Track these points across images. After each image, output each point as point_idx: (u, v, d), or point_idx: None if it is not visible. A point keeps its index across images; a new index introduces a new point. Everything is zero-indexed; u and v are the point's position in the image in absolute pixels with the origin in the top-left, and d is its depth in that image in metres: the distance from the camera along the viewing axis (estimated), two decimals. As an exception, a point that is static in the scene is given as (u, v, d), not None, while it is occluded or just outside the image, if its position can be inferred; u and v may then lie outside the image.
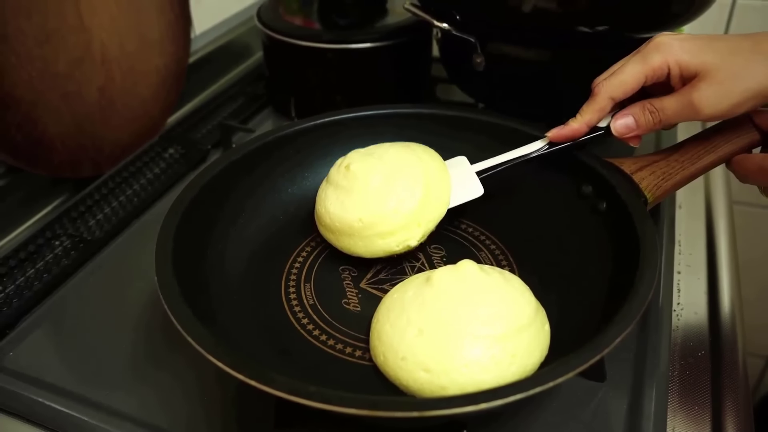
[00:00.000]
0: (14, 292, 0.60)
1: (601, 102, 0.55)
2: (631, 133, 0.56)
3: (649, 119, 0.54)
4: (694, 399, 0.50)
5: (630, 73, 0.53)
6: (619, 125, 0.56)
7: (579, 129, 0.57)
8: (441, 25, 0.71)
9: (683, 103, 0.51)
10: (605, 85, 0.54)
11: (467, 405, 0.36)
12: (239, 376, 0.38)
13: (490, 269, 0.51)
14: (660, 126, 0.54)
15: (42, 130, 0.68)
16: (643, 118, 0.55)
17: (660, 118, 0.54)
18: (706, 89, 0.50)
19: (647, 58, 0.52)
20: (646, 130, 0.55)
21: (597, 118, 0.57)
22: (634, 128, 0.55)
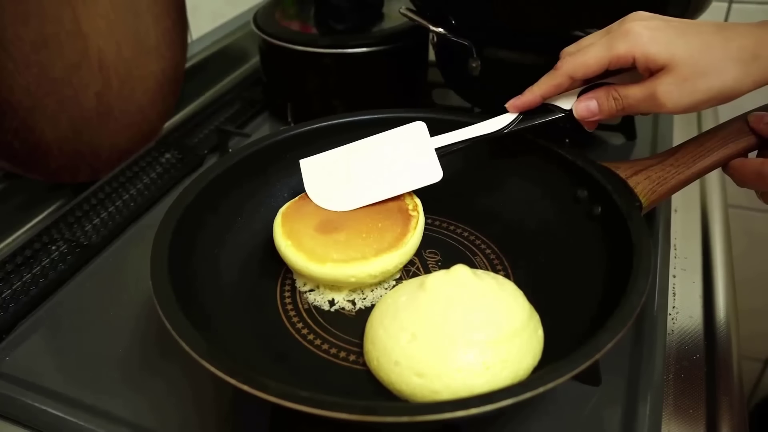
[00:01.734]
0: (11, 297, 0.60)
1: (558, 78, 0.55)
2: (593, 117, 0.56)
3: (612, 106, 0.54)
4: (689, 402, 0.50)
5: (594, 56, 0.53)
6: (582, 108, 0.56)
7: (533, 99, 0.57)
8: (437, 29, 0.71)
9: (646, 95, 0.51)
10: (567, 62, 0.54)
11: (458, 410, 0.36)
12: (232, 381, 0.38)
13: (484, 274, 0.52)
14: (622, 113, 0.55)
15: (39, 136, 0.69)
16: (606, 104, 0.55)
17: (623, 105, 0.53)
18: (670, 84, 0.50)
19: (614, 44, 0.52)
20: (607, 115, 0.55)
21: (551, 92, 0.57)
22: (596, 113, 0.55)
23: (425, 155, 0.60)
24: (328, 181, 0.61)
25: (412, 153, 0.60)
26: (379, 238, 0.57)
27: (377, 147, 0.62)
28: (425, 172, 0.59)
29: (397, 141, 0.62)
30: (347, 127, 0.67)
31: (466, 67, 0.71)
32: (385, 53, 0.82)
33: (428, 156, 0.59)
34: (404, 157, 0.60)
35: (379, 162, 0.61)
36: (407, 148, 0.61)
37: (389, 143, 0.62)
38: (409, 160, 0.60)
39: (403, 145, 0.61)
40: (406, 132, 0.62)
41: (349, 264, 0.54)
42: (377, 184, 0.60)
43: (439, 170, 0.59)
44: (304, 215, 0.59)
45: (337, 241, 0.56)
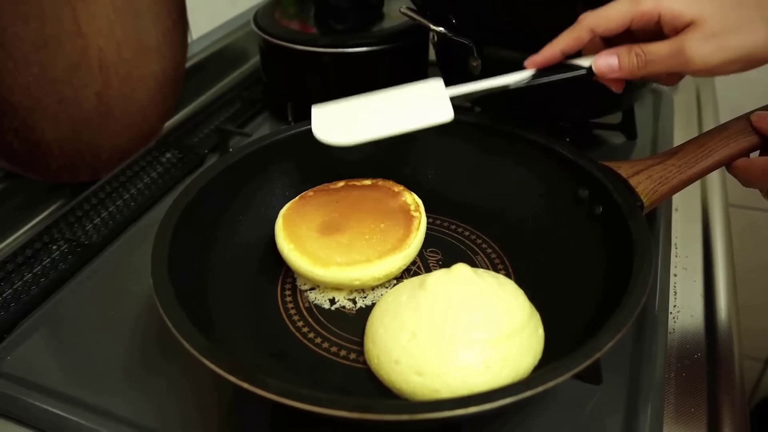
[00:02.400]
0: (12, 297, 0.60)
1: (579, 30, 0.53)
2: (612, 74, 0.53)
3: (634, 62, 0.52)
4: (690, 401, 0.50)
5: (616, 10, 0.51)
6: (602, 63, 0.53)
7: (552, 54, 0.55)
8: (437, 28, 0.71)
9: (674, 51, 0.49)
10: (588, 16, 0.53)
11: (458, 408, 0.36)
12: (232, 379, 0.38)
13: (485, 273, 0.52)
14: (644, 71, 0.52)
15: (39, 136, 0.69)
16: (627, 60, 0.52)
17: (646, 61, 0.51)
18: (699, 39, 0.47)
19: (639, 1, 0.50)
20: (629, 73, 0.52)
21: (571, 46, 0.55)
22: (616, 69, 0.53)
23: (438, 99, 0.58)
24: (335, 120, 0.59)
25: (426, 98, 0.58)
26: (382, 240, 0.57)
27: (392, 95, 0.60)
28: (436, 111, 0.57)
29: (413, 91, 0.60)
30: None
31: (466, 66, 0.71)
32: (385, 53, 0.82)
33: (441, 99, 0.58)
34: (418, 100, 0.59)
35: (392, 105, 0.59)
36: (422, 95, 0.59)
37: (405, 92, 0.60)
38: (422, 103, 0.58)
39: (419, 93, 0.59)
40: (423, 85, 0.60)
41: (353, 267, 0.55)
42: (386, 118, 0.58)
43: (451, 110, 0.57)
44: (305, 216, 0.59)
45: (340, 243, 0.56)
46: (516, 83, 0.57)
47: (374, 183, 0.64)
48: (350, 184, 0.64)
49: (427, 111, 0.57)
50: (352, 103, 0.60)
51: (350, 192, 0.63)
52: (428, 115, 0.57)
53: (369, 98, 0.60)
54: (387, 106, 0.59)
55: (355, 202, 0.61)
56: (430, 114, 0.57)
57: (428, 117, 0.57)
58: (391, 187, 0.63)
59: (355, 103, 0.60)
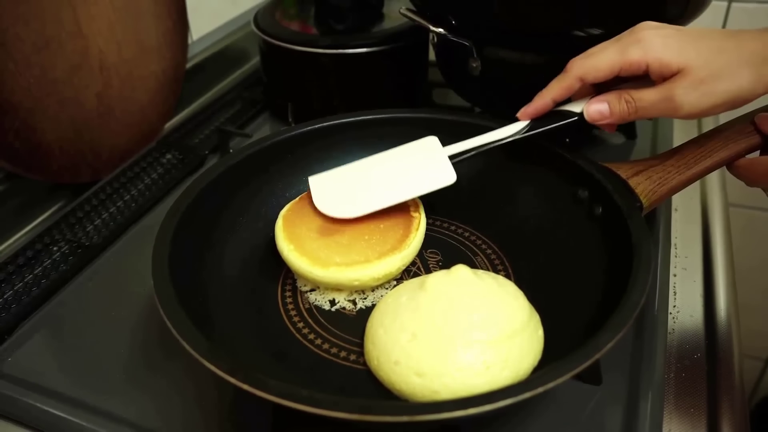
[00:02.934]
0: (12, 298, 0.60)
1: (568, 80, 0.55)
2: (604, 120, 0.55)
3: (624, 109, 0.53)
4: (690, 401, 0.50)
5: (605, 60, 0.52)
6: (593, 110, 0.55)
7: (544, 104, 0.57)
8: (437, 29, 0.71)
9: (662, 98, 0.51)
10: (577, 65, 0.54)
11: (458, 410, 0.36)
12: (232, 380, 0.39)
13: (484, 274, 0.52)
14: (634, 117, 0.54)
15: (40, 136, 0.69)
16: (618, 107, 0.54)
17: (636, 108, 0.53)
18: (687, 87, 0.49)
19: (627, 50, 0.51)
20: (619, 119, 0.54)
21: (562, 95, 0.56)
22: (607, 115, 0.55)
23: (437, 161, 0.59)
24: (337, 191, 0.60)
25: (424, 160, 0.60)
26: (382, 240, 0.57)
27: (388, 159, 0.62)
28: (438, 175, 0.58)
29: (408, 153, 0.62)
30: (348, 126, 0.68)
31: (466, 67, 0.71)
32: (385, 53, 0.82)
33: (440, 161, 0.59)
34: (416, 164, 0.60)
35: (391, 170, 0.61)
36: (419, 158, 0.60)
37: (400, 155, 0.62)
38: (422, 167, 0.59)
39: (415, 156, 0.61)
40: (417, 145, 0.62)
41: (353, 267, 0.55)
42: (389, 189, 0.59)
43: (453, 173, 0.58)
44: (305, 217, 0.59)
45: (340, 244, 0.57)
46: (512, 136, 0.59)
47: (374, 184, 0.64)
48: (350, 184, 0.64)
49: (429, 175, 0.58)
50: (349, 171, 0.62)
51: (350, 193, 0.63)
52: (430, 181, 0.58)
53: (366, 165, 0.62)
54: (385, 172, 0.61)
55: (356, 202, 0.61)
56: (431, 179, 0.58)
57: (430, 183, 0.58)
58: (391, 187, 0.63)
59: (352, 171, 0.62)
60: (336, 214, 0.58)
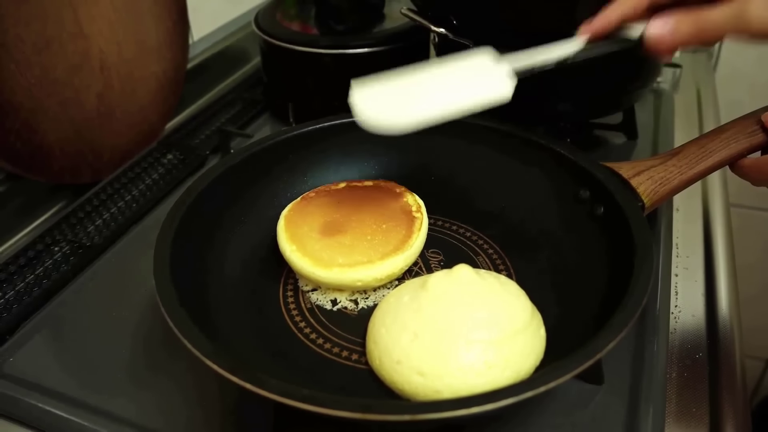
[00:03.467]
0: (14, 298, 0.60)
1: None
2: (665, 41, 0.49)
3: (690, 28, 0.48)
4: (691, 401, 0.50)
5: None
6: (656, 27, 0.49)
7: (610, 21, 0.52)
8: (438, 29, 0.71)
9: (733, 15, 0.46)
10: None
11: (459, 409, 0.36)
12: (234, 379, 0.39)
13: (486, 274, 0.52)
14: (700, 38, 0.48)
15: (41, 137, 0.69)
16: (683, 25, 0.48)
17: (703, 27, 0.47)
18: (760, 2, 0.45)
19: None
20: (683, 40, 0.48)
21: (631, 15, 0.51)
22: (670, 35, 0.48)
23: (494, 71, 0.54)
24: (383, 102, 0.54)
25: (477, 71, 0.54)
26: (384, 241, 0.57)
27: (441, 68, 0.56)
28: (492, 86, 0.53)
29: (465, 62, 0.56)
30: (349, 127, 0.67)
31: (467, 67, 0.71)
32: (386, 53, 0.82)
33: (501, 73, 0.53)
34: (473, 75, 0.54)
35: (443, 80, 0.55)
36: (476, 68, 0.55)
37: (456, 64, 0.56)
38: (479, 78, 0.54)
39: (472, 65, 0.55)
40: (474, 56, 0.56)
41: (355, 268, 0.55)
42: (441, 98, 0.53)
43: (510, 85, 0.52)
44: (306, 217, 0.59)
45: (342, 245, 0.57)
46: (572, 55, 0.54)
47: (376, 184, 0.64)
48: (352, 184, 0.64)
49: (484, 87, 0.53)
50: (398, 81, 0.55)
51: (352, 193, 0.63)
52: (486, 93, 0.52)
53: (415, 75, 0.55)
54: (437, 83, 0.55)
55: (357, 202, 0.61)
56: (487, 91, 0.52)
57: (485, 95, 0.52)
58: (393, 188, 0.63)
59: (401, 81, 0.55)
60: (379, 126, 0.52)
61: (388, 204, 0.61)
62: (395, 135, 0.52)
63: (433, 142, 0.68)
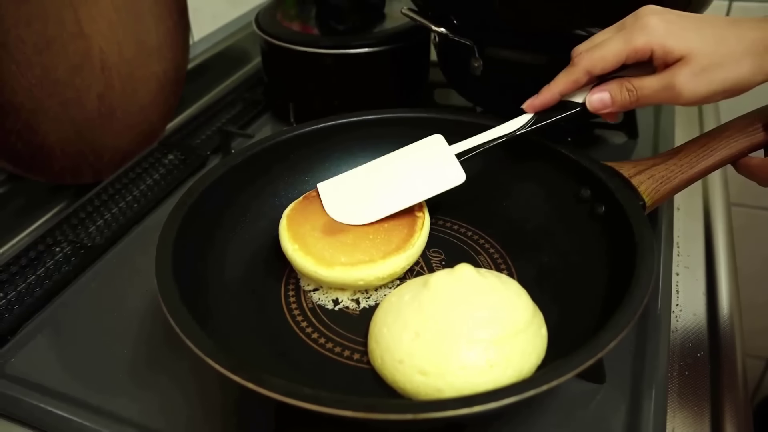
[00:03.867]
0: (15, 299, 0.60)
1: (576, 73, 0.55)
2: (606, 109, 0.55)
3: (626, 97, 0.54)
4: (693, 400, 0.50)
5: (612, 50, 0.52)
6: (595, 100, 0.55)
7: (551, 97, 0.57)
8: (438, 29, 0.71)
9: (663, 86, 0.51)
10: (584, 58, 0.54)
11: (462, 408, 0.36)
12: (236, 378, 0.39)
13: (488, 273, 0.52)
14: (635, 105, 0.54)
15: (42, 137, 0.69)
16: (619, 96, 0.54)
17: (637, 96, 0.53)
18: (688, 74, 0.50)
19: (631, 38, 0.51)
20: (621, 107, 0.55)
21: (570, 88, 0.56)
22: (609, 105, 0.55)
23: (445, 161, 0.60)
24: (348, 197, 0.61)
25: (432, 161, 0.60)
26: (386, 240, 0.57)
27: (395, 161, 0.62)
28: (447, 175, 0.59)
29: (415, 153, 0.62)
30: (349, 126, 0.68)
31: (467, 66, 0.71)
32: (386, 53, 0.82)
33: (449, 161, 0.59)
34: (424, 165, 0.60)
35: (399, 173, 0.61)
36: (426, 158, 0.61)
37: (408, 156, 0.62)
38: (430, 168, 0.60)
39: (422, 155, 0.61)
40: (423, 145, 0.62)
41: (357, 267, 0.55)
42: (399, 193, 0.59)
43: (462, 173, 0.58)
44: (308, 216, 0.59)
45: (344, 243, 0.57)
46: (518, 130, 0.59)
47: (377, 183, 0.64)
48: (353, 184, 0.64)
49: (438, 177, 0.59)
50: (358, 175, 0.62)
51: (353, 192, 0.63)
52: (440, 182, 0.58)
53: (374, 168, 0.62)
54: (394, 175, 0.61)
55: (359, 202, 0.61)
56: (441, 180, 0.58)
57: (440, 184, 0.58)
58: (394, 187, 0.63)
59: (360, 175, 0.62)
60: (349, 221, 0.59)
61: (390, 203, 0.61)
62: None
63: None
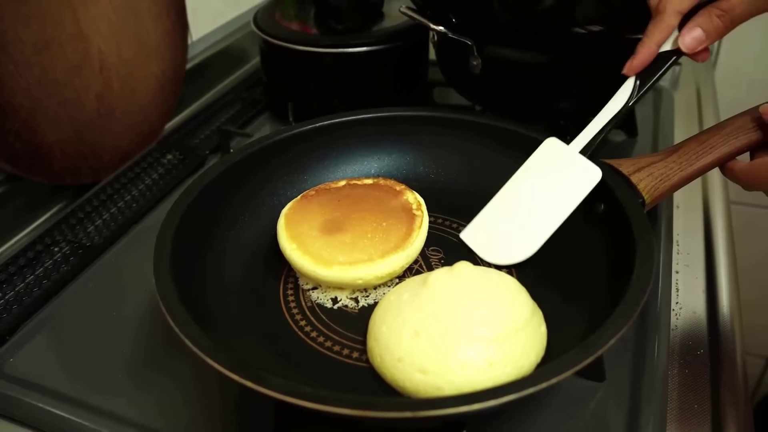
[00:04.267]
0: (14, 299, 0.60)
1: (668, 19, 0.52)
2: (701, 45, 0.53)
3: (719, 25, 0.51)
4: (693, 398, 0.50)
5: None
6: (689, 40, 0.53)
7: (650, 52, 0.54)
8: (437, 28, 0.71)
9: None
10: (669, 1, 0.52)
11: (461, 405, 0.36)
12: (235, 377, 0.38)
13: (487, 270, 0.52)
14: (731, 28, 0.51)
15: (41, 138, 0.69)
16: (712, 26, 0.51)
17: (730, 19, 0.51)
18: None
19: None
20: (716, 37, 0.52)
21: (665, 37, 0.54)
22: (704, 39, 0.52)
23: (574, 163, 0.57)
24: (498, 238, 0.60)
25: (561, 169, 0.58)
26: (385, 239, 0.57)
27: (526, 181, 0.60)
28: (583, 178, 0.56)
29: (541, 166, 0.60)
30: (348, 125, 0.67)
31: (467, 65, 0.71)
32: (385, 52, 0.82)
33: (577, 162, 0.57)
34: (556, 176, 0.58)
35: (536, 193, 0.59)
36: (555, 168, 0.58)
37: (535, 171, 0.60)
38: (563, 176, 0.57)
39: (549, 167, 0.59)
40: (543, 154, 0.60)
41: (356, 266, 0.54)
42: (546, 214, 0.58)
43: (596, 168, 0.56)
44: (307, 215, 0.59)
45: (343, 243, 0.56)
46: (630, 100, 0.56)
47: (376, 182, 0.64)
48: (351, 183, 0.64)
49: (575, 183, 0.56)
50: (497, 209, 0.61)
51: (352, 191, 0.63)
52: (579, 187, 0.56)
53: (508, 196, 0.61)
54: (531, 197, 0.59)
55: (357, 200, 0.61)
56: (580, 184, 0.56)
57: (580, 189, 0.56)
58: (393, 186, 0.63)
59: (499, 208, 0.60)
60: (511, 261, 0.58)
61: (389, 202, 0.61)
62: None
63: (432, 140, 0.68)
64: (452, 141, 0.67)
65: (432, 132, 0.68)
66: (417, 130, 0.68)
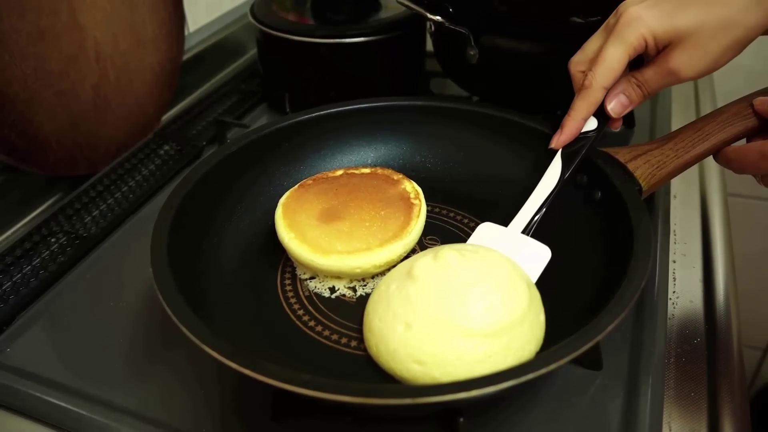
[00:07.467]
0: (11, 289, 0.60)
1: (595, 93, 0.55)
2: (626, 110, 0.56)
3: (639, 93, 0.55)
4: (690, 386, 0.50)
5: (615, 58, 0.52)
6: (616, 106, 0.56)
7: (577, 126, 0.58)
8: (434, 17, 0.71)
9: (663, 73, 0.52)
10: (596, 77, 0.54)
11: (460, 392, 0.36)
12: (234, 365, 0.38)
13: (475, 252, 0.50)
14: (648, 97, 0.55)
15: (37, 129, 0.68)
16: (634, 93, 0.55)
17: (648, 89, 0.54)
18: (682, 55, 0.50)
19: (625, 37, 0.51)
20: (638, 103, 0.56)
21: (592, 111, 0.57)
22: (629, 104, 0.56)
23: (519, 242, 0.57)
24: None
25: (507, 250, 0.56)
26: (383, 228, 0.57)
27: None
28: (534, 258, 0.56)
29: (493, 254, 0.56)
30: (344, 115, 0.67)
31: (463, 55, 0.71)
32: (382, 43, 0.82)
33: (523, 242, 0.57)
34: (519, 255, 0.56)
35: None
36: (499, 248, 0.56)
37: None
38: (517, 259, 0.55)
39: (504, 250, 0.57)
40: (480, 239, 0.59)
41: (354, 255, 0.54)
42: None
43: (545, 247, 0.56)
44: (304, 204, 0.59)
45: (341, 231, 0.56)
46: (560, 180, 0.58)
47: (373, 171, 0.64)
48: (349, 172, 0.64)
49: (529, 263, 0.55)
50: None
51: (349, 180, 0.63)
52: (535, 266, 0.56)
53: None
54: None
55: (355, 189, 0.61)
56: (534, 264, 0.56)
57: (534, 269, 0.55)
58: (391, 175, 0.63)
59: None
60: None
61: (387, 191, 0.61)
62: None
63: (429, 129, 0.68)
64: (449, 130, 0.67)
65: (429, 121, 0.68)
66: (414, 120, 0.68)
